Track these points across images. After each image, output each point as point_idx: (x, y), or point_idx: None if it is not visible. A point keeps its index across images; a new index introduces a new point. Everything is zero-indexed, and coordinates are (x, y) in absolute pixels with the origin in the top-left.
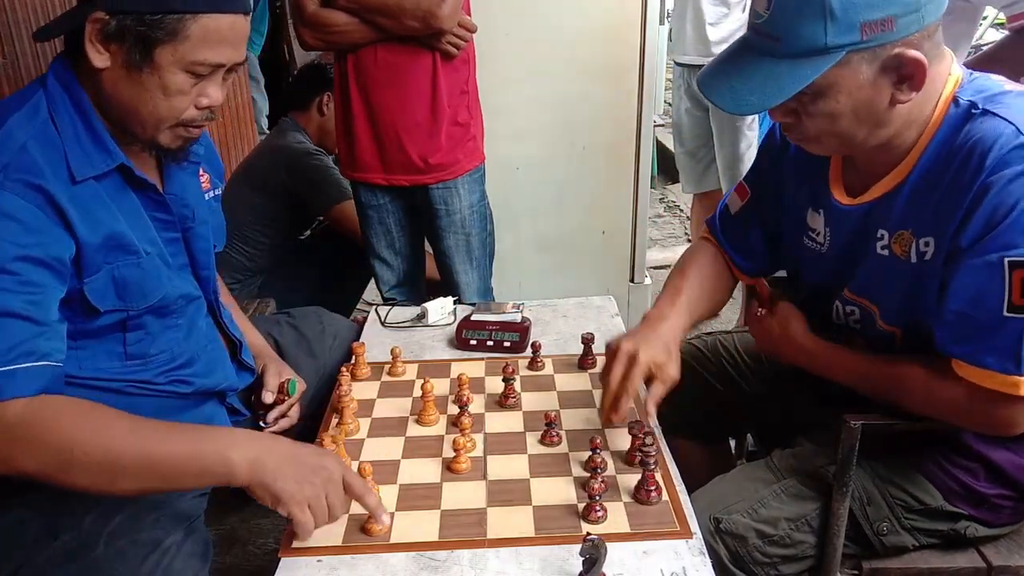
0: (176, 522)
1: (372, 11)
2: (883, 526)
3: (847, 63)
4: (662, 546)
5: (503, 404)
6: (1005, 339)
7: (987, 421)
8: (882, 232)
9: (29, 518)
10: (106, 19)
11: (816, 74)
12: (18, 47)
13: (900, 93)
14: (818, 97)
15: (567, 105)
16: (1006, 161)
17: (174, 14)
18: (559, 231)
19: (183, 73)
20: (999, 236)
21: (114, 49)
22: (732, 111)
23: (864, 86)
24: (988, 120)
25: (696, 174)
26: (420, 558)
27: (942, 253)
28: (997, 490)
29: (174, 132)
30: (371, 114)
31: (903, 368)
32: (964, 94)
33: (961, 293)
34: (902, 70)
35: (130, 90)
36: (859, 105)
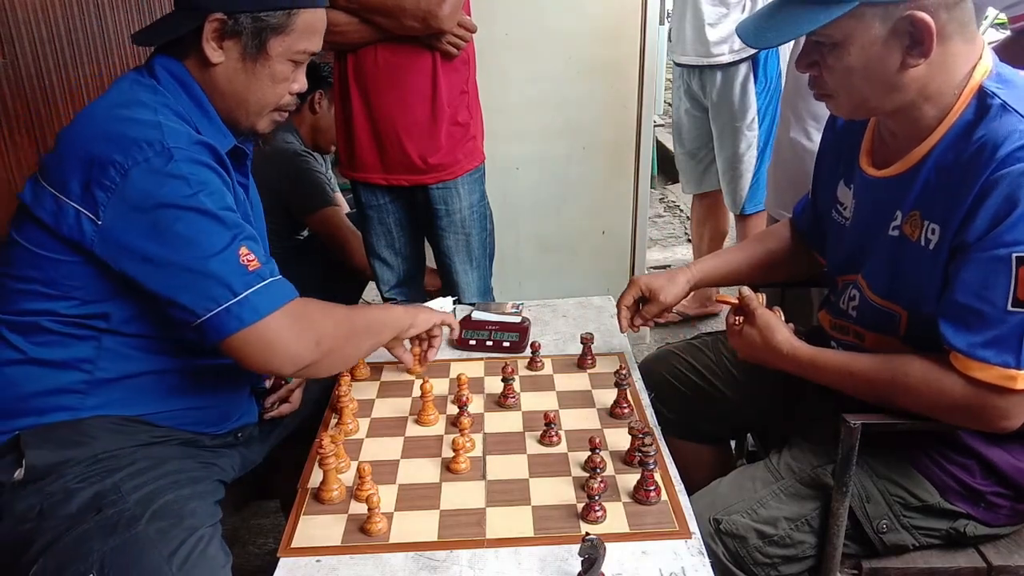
0: (208, 517)
1: (372, 11)
2: (883, 524)
3: (860, 16)
4: (661, 546)
5: (502, 404)
6: (1007, 333)
7: (983, 415)
8: (897, 212)
9: (76, 489)
10: (224, 19)
11: (828, 18)
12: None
13: (910, 57)
14: (834, 49)
15: (567, 105)
16: (1015, 157)
17: (283, 10)
18: (559, 231)
19: (288, 62)
20: (1007, 231)
21: (229, 45)
22: (753, 45)
23: (876, 43)
24: (1005, 115)
25: (696, 175)
26: (419, 558)
27: (945, 244)
28: (993, 487)
29: (271, 116)
30: (371, 114)
31: (896, 364)
32: (991, 85)
33: (967, 286)
34: (913, 33)
35: (243, 80)
36: (870, 62)
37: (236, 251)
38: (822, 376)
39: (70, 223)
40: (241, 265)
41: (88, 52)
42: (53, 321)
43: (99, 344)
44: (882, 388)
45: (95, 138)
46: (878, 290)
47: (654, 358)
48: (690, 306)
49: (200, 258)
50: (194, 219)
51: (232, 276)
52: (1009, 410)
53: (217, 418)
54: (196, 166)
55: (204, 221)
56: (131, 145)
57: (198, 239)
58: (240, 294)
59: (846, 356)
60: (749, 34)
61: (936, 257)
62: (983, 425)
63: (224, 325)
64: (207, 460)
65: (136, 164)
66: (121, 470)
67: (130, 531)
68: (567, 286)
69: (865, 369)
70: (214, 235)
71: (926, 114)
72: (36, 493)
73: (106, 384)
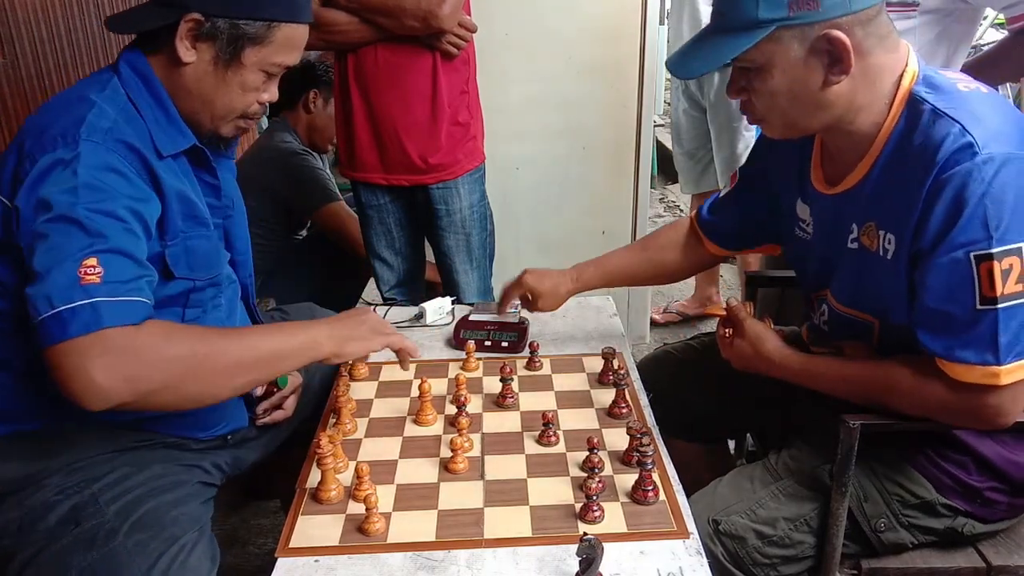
0: (191, 522)
1: (373, 11)
2: (881, 523)
3: (779, 39)
4: (659, 546)
5: (501, 404)
6: (981, 332)
7: (976, 415)
8: (853, 225)
9: (54, 502)
10: (201, 20)
11: (749, 43)
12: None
13: (832, 75)
14: (759, 73)
15: (567, 105)
16: (955, 160)
17: (263, 22)
18: (559, 231)
19: (260, 72)
20: (959, 233)
21: (202, 47)
22: (679, 76)
23: (797, 64)
24: (937, 120)
25: (695, 175)
26: (417, 558)
27: (904, 252)
28: (988, 483)
29: (236, 123)
30: (371, 114)
31: (887, 370)
32: (920, 91)
33: (933, 291)
34: (831, 51)
35: (211, 84)
36: (794, 83)
37: (79, 260)
38: (815, 383)
39: (3, 219)
40: (75, 276)
41: (88, 52)
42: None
43: None
44: (875, 394)
45: (29, 135)
46: (844, 301)
47: (653, 358)
48: (690, 306)
49: (47, 260)
50: (58, 217)
51: (56, 288)
52: (1001, 406)
53: (203, 423)
54: (96, 159)
55: (65, 222)
56: (48, 138)
57: (54, 241)
58: (55, 308)
59: (837, 363)
60: (676, 66)
61: (896, 265)
62: (981, 424)
63: (39, 337)
64: (191, 462)
65: (43, 154)
66: (100, 479)
67: (109, 544)
68: None
69: (856, 376)
70: (69, 241)
71: (860, 127)
72: (16, 507)
73: None
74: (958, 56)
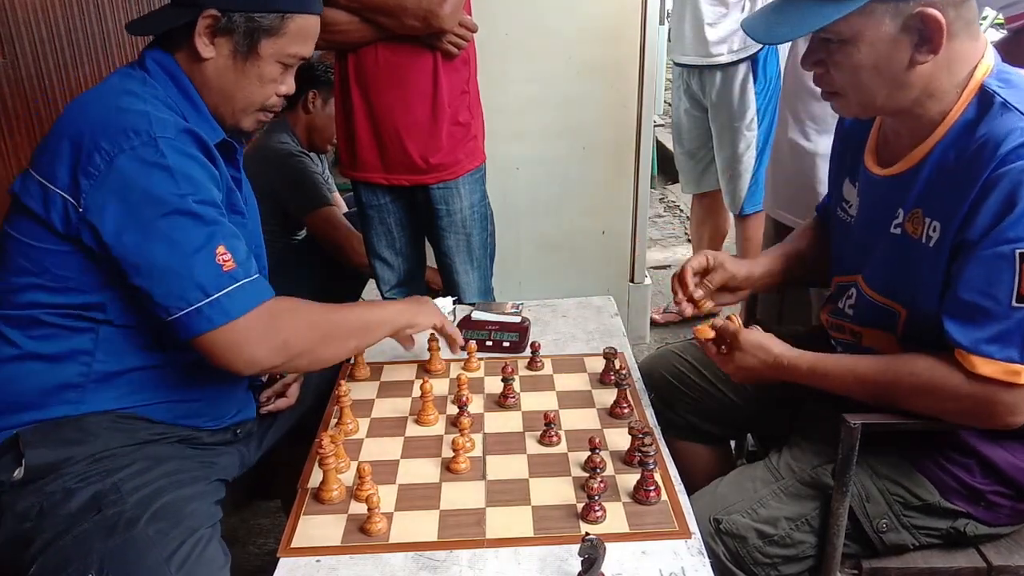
0: (207, 518)
1: (373, 10)
2: (882, 523)
3: (871, 12)
4: (661, 546)
5: (502, 404)
6: (1011, 328)
7: (989, 411)
8: (900, 210)
9: (76, 489)
10: (218, 16)
11: (839, 14)
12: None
13: (919, 54)
14: (843, 46)
15: (567, 105)
16: (1017, 155)
17: (277, 13)
18: (559, 231)
19: (277, 64)
20: (1009, 228)
21: (220, 42)
22: (763, 40)
23: (885, 40)
24: (1005, 114)
25: (695, 174)
26: (419, 558)
27: (947, 241)
28: (993, 486)
29: (255, 116)
30: (372, 114)
31: (901, 363)
32: (992, 84)
33: (970, 283)
34: (923, 30)
35: (231, 77)
36: (880, 59)
37: (213, 250)
38: (825, 382)
39: (59, 211)
40: (216, 264)
41: (88, 52)
42: (49, 313)
43: (96, 336)
44: (887, 390)
45: (83, 126)
46: (877, 287)
47: (654, 358)
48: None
49: (177, 256)
50: (174, 215)
51: (206, 277)
52: (1016, 405)
53: (214, 412)
54: (182, 157)
55: (184, 218)
56: (118, 133)
57: (176, 236)
58: (212, 296)
59: (848, 360)
60: (759, 30)
61: (937, 254)
62: (990, 422)
63: (194, 325)
64: (207, 459)
65: (122, 151)
66: (121, 470)
67: (129, 532)
68: (567, 286)
69: (869, 371)
70: (192, 232)
71: (929, 111)
72: (36, 492)
73: (104, 377)
74: None
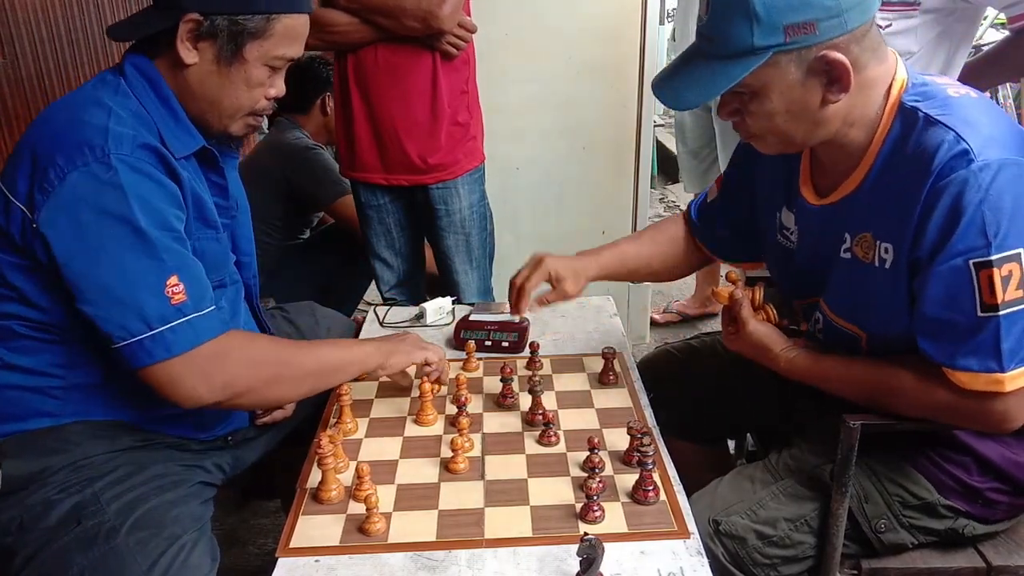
0: (192, 521)
1: (372, 11)
2: (881, 523)
3: (775, 64)
4: (659, 546)
5: (501, 404)
6: (984, 339)
7: (983, 420)
8: (846, 235)
9: (56, 500)
10: (200, 20)
11: (745, 72)
12: (18, 48)
13: (830, 94)
14: (755, 97)
15: (567, 105)
16: (950, 167)
17: (262, 14)
18: (559, 231)
19: (264, 67)
20: (958, 241)
21: (203, 46)
22: (673, 107)
23: (795, 86)
24: (931, 128)
25: (698, 173)
26: (418, 558)
27: (903, 262)
28: (990, 484)
29: (245, 121)
30: (371, 114)
31: (893, 374)
32: (909, 99)
33: (934, 300)
34: (829, 72)
35: (216, 82)
36: (792, 104)
37: (163, 281)
38: (821, 385)
39: (16, 224)
40: (164, 297)
41: (88, 52)
42: (23, 326)
43: (69, 349)
44: (881, 397)
45: (44, 138)
46: (839, 312)
47: (653, 358)
48: (690, 306)
49: (124, 284)
50: (126, 239)
51: (151, 309)
52: (1007, 412)
53: (203, 423)
54: (137, 175)
55: (136, 243)
56: (73, 148)
57: (125, 263)
58: (155, 329)
59: (844, 365)
60: (666, 96)
61: (895, 275)
62: (988, 429)
63: (135, 357)
64: (191, 462)
65: (75, 168)
66: (101, 478)
67: (109, 543)
68: None
69: (862, 379)
70: (143, 261)
71: (854, 139)
72: (17, 505)
73: (82, 389)
74: (959, 56)
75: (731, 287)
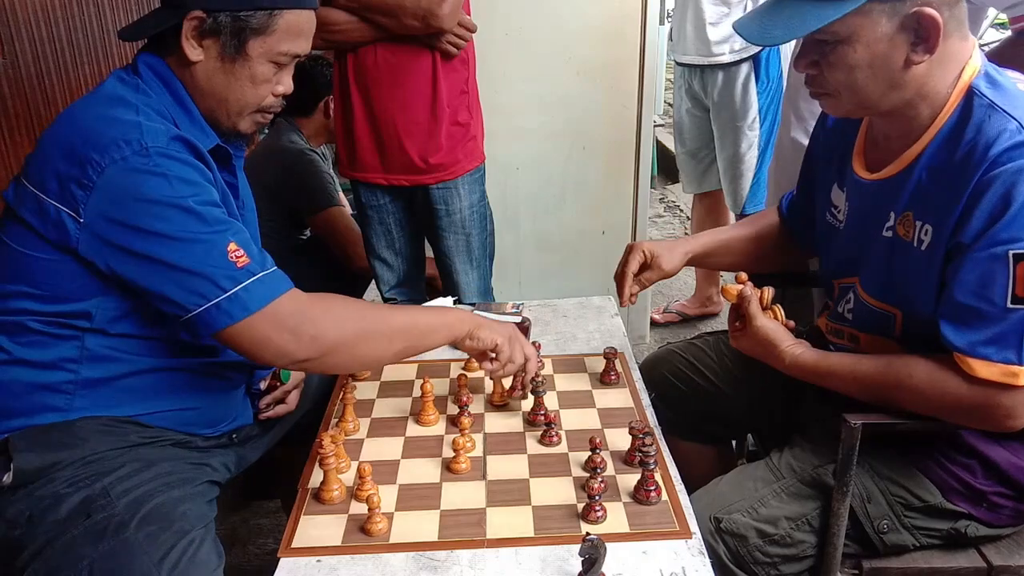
0: (199, 519)
1: (372, 10)
2: (883, 524)
3: (868, 12)
4: (661, 546)
5: (495, 404)
6: (1008, 330)
7: (988, 414)
8: (891, 213)
9: (65, 494)
10: (204, 17)
11: (837, 14)
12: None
13: (915, 54)
14: (839, 45)
15: (567, 105)
16: (1008, 156)
17: (264, 10)
18: (559, 231)
19: (269, 63)
20: (1003, 229)
21: (208, 44)
22: (758, 42)
23: (882, 40)
24: (994, 115)
25: (697, 174)
26: (420, 558)
27: (939, 244)
28: (995, 487)
29: (253, 118)
30: (371, 114)
31: (901, 365)
32: (980, 85)
33: (965, 285)
34: (919, 30)
35: (222, 80)
36: (876, 59)
37: (224, 247)
38: (826, 382)
39: (53, 221)
40: (229, 261)
41: (88, 52)
42: (36, 321)
43: (81, 344)
44: (887, 391)
45: (74, 137)
46: (873, 292)
47: (654, 358)
48: (690, 306)
49: (187, 255)
50: (177, 216)
51: (220, 272)
52: (1015, 408)
53: (210, 420)
54: (175, 163)
55: (187, 218)
56: (109, 144)
57: (182, 236)
58: (229, 290)
59: (850, 360)
60: (753, 32)
61: (930, 257)
62: (989, 424)
63: (214, 320)
64: (198, 460)
65: (113, 162)
66: (110, 473)
67: (119, 536)
68: (567, 286)
69: (869, 372)
70: (199, 231)
71: (920, 113)
72: (26, 498)
73: (92, 384)
74: None
75: (739, 286)
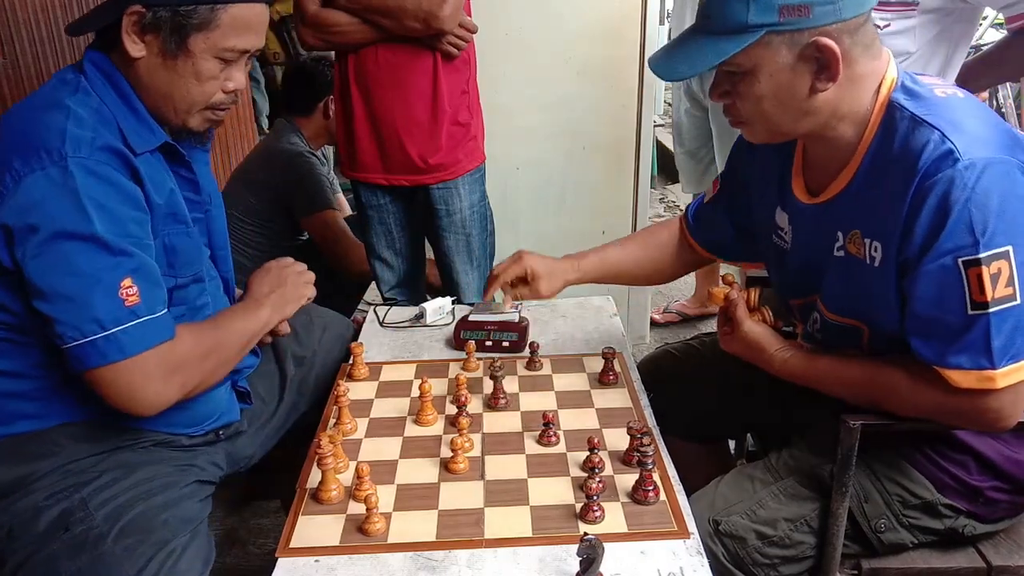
0: (183, 524)
1: (373, 11)
2: (881, 523)
3: (767, 44)
4: (659, 546)
5: (493, 406)
6: (974, 337)
7: (977, 419)
8: (838, 234)
9: (44, 507)
10: (143, 12)
11: (736, 48)
12: (18, 47)
13: (819, 82)
14: (745, 76)
15: (567, 105)
16: (936, 167)
17: (206, 5)
18: (559, 231)
19: (214, 59)
20: (946, 240)
21: (150, 39)
22: (665, 77)
23: (784, 69)
24: (917, 127)
25: (696, 174)
26: (418, 558)
27: (891, 259)
28: (990, 482)
29: (203, 115)
30: (372, 114)
31: (886, 374)
32: (899, 99)
33: (924, 299)
34: (820, 59)
35: (165, 76)
36: (780, 89)
37: (117, 282)
38: (816, 385)
39: None
40: (118, 298)
41: None
42: None
43: (43, 350)
44: (875, 398)
45: (4, 141)
46: (835, 309)
47: (652, 358)
48: (690, 306)
49: (77, 285)
50: (80, 242)
51: (104, 310)
52: (1002, 410)
53: (191, 419)
54: (93, 179)
55: (90, 246)
56: (30, 151)
57: (78, 264)
58: (108, 330)
59: (838, 366)
60: (660, 67)
61: (884, 273)
62: (982, 427)
63: (87, 357)
64: (184, 461)
65: (31, 171)
66: (88, 484)
67: (97, 550)
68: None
69: (856, 380)
70: (97, 262)
71: (843, 134)
72: (5, 511)
73: (63, 388)
74: (958, 56)
75: (727, 288)
